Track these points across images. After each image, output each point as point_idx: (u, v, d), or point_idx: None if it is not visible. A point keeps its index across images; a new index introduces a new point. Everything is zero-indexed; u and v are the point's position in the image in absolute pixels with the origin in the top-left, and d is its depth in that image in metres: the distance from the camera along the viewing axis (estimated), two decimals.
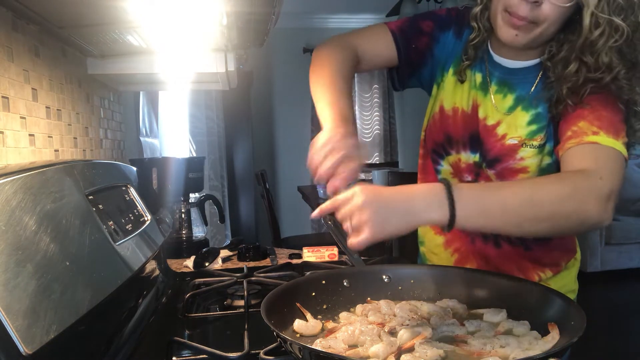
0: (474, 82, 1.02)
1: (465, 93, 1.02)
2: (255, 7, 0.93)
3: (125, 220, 0.91)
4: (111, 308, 0.77)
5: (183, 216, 1.70)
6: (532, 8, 0.83)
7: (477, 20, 0.97)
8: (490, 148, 1.01)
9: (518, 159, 0.97)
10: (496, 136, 0.99)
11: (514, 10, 0.85)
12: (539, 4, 0.83)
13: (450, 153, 1.06)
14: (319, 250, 1.41)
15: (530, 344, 0.67)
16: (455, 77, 1.03)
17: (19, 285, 0.51)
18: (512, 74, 0.98)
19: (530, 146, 0.95)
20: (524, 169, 0.98)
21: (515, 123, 0.98)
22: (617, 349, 2.87)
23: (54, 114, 1.11)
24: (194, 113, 3.72)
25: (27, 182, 0.62)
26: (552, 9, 0.83)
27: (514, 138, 0.97)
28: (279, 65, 4.75)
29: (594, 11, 0.80)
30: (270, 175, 4.72)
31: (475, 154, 1.03)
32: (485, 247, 1.08)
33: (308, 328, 0.75)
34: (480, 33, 0.97)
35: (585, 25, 0.81)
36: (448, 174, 1.08)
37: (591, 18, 0.81)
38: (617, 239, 4.23)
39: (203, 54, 1.37)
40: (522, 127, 0.96)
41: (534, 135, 0.95)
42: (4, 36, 0.88)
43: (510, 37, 0.89)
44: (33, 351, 0.49)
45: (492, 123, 1.00)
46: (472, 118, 1.02)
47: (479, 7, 0.96)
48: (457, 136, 1.03)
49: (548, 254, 1.06)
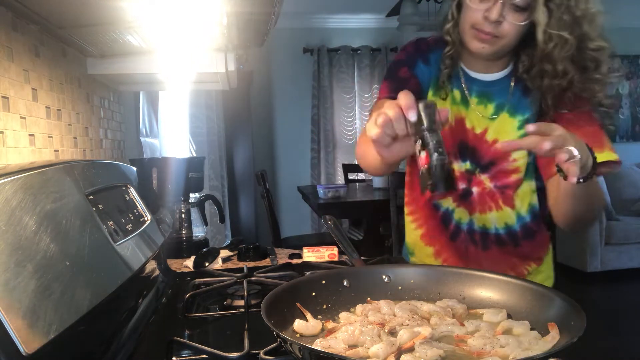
0: (454, 99, 1.13)
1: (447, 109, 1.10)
2: (255, 7, 0.93)
3: (125, 220, 0.91)
4: (111, 308, 0.77)
5: (183, 216, 1.70)
6: (495, 25, 0.99)
7: (450, 34, 1.09)
8: (484, 154, 1.12)
9: (511, 161, 1.10)
10: (487, 142, 1.11)
11: (480, 27, 1.01)
12: (500, 22, 0.99)
13: None
14: (319, 250, 1.41)
15: (530, 344, 0.67)
16: (436, 97, 1.14)
17: (19, 285, 0.51)
18: (489, 85, 1.12)
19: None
20: (516, 169, 1.10)
21: (503, 128, 1.10)
22: (617, 349, 2.87)
23: (54, 114, 1.12)
24: (194, 113, 3.73)
25: (27, 182, 0.62)
26: (511, 26, 0.99)
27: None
28: (279, 65, 4.75)
29: (545, 28, 0.95)
30: (270, 175, 4.72)
31: (465, 162, 1.14)
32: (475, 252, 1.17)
33: (308, 328, 0.75)
34: (453, 44, 1.10)
35: (540, 40, 0.97)
36: None
37: (544, 34, 0.96)
38: (617, 239, 4.23)
39: (203, 54, 1.37)
40: (513, 131, 1.09)
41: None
42: (4, 36, 0.88)
43: (478, 48, 1.04)
44: (33, 351, 0.49)
45: (480, 131, 1.12)
46: (458, 130, 1.13)
47: (450, 24, 1.09)
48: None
49: (533, 248, 1.17)
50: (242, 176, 4.16)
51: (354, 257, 1.14)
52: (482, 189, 1.14)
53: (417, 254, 1.27)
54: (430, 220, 1.23)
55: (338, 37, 4.84)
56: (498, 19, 0.98)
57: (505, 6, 0.97)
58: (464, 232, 1.18)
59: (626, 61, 5.26)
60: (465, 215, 1.18)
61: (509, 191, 1.13)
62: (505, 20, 0.98)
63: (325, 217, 1.21)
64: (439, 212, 1.20)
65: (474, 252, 1.18)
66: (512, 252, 1.16)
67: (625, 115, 5.32)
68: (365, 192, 3.58)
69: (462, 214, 1.18)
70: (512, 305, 0.80)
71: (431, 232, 1.22)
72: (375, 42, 4.85)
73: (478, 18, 1.00)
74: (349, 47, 4.79)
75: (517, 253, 1.16)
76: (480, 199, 1.15)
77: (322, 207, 3.04)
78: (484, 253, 1.17)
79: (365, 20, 4.83)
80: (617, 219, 4.34)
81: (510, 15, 0.98)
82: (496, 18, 0.98)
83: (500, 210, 1.14)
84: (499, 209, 1.14)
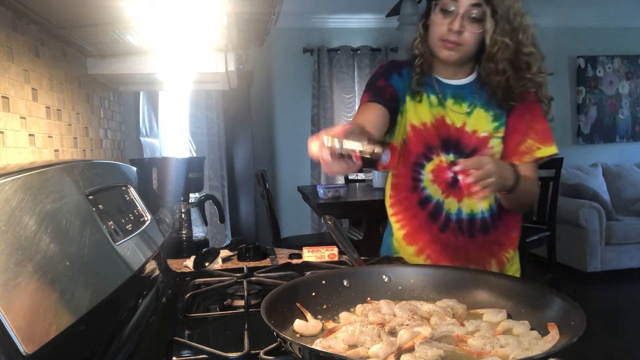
0: (431, 103, 1.32)
1: (425, 111, 1.32)
2: (255, 7, 0.93)
3: (125, 220, 0.91)
4: (111, 308, 0.77)
5: (183, 216, 1.70)
6: (457, 35, 1.22)
7: (418, 48, 1.31)
8: (467, 143, 1.30)
9: (490, 148, 1.29)
10: (468, 133, 1.30)
11: (446, 38, 1.23)
12: (462, 32, 1.21)
13: (432, 158, 1.32)
14: (319, 250, 1.41)
15: (530, 344, 0.67)
16: (413, 102, 1.32)
17: (19, 285, 0.51)
18: (461, 89, 1.32)
19: (496, 137, 1.29)
20: (493, 155, 1.28)
21: (480, 121, 1.30)
22: (617, 349, 2.87)
23: (54, 114, 1.12)
24: (194, 113, 3.73)
25: (27, 182, 0.62)
26: (470, 34, 1.22)
27: (484, 132, 1.29)
28: (279, 65, 4.75)
29: (492, 35, 1.19)
30: (270, 175, 4.71)
31: (449, 154, 1.31)
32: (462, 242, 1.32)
33: (308, 328, 0.75)
34: (422, 56, 1.31)
35: (487, 44, 1.21)
36: (429, 182, 1.33)
37: (491, 40, 1.20)
38: (617, 239, 4.23)
39: (203, 54, 1.37)
40: (488, 123, 1.30)
41: (498, 129, 1.29)
42: (4, 36, 0.88)
43: (446, 56, 1.26)
44: (33, 351, 0.49)
45: (459, 125, 1.30)
46: (439, 127, 1.31)
47: (417, 39, 1.32)
48: (433, 142, 1.31)
49: (507, 231, 1.35)
50: (242, 176, 4.16)
51: (354, 257, 1.14)
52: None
53: (402, 253, 1.39)
54: (413, 220, 1.37)
55: (338, 37, 4.84)
56: (460, 29, 1.20)
57: (464, 18, 1.20)
58: (453, 221, 1.32)
59: (626, 61, 5.26)
60: (454, 205, 1.32)
61: None
62: (466, 30, 1.21)
63: (325, 217, 1.21)
64: (428, 207, 1.33)
65: (462, 242, 1.31)
66: (493, 239, 1.33)
67: (625, 115, 5.32)
68: (365, 192, 3.58)
69: (452, 204, 1.32)
70: (512, 305, 0.80)
71: (414, 231, 1.36)
72: (375, 42, 4.85)
73: (444, 31, 1.22)
74: (349, 47, 4.79)
75: (496, 239, 1.33)
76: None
77: (322, 207, 3.04)
78: (469, 242, 1.31)
79: (365, 20, 4.83)
80: (617, 219, 4.34)
81: (469, 25, 1.20)
82: (458, 28, 1.20)
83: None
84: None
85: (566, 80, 5.20)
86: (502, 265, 1.34)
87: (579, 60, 5.16)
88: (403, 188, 1.38)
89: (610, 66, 5.23)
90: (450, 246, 1.32)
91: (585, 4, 4.72)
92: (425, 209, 1.34)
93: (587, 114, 5.23)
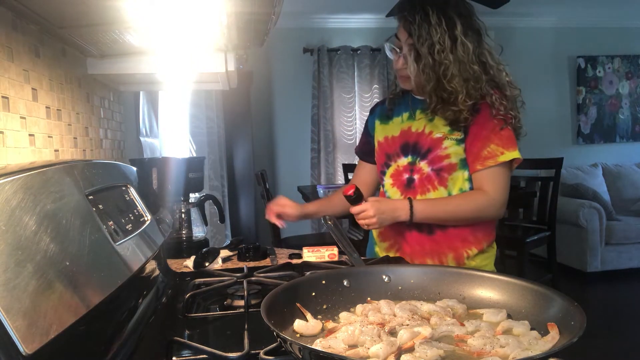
0: (402, 119, 1.51)
1: (393, 127, 1.52)
2: (255, 7, 0.93)
3: (125, 220, 0.91)
4: (111, 308, 0.77)
5: (183, 216, 1.70)
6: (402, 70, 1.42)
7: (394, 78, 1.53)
8: (423, 144, 1.43)
9: (443, 148, 1.40)
10: (425, 134, 1.44)
11: (399, 74, 1.46)
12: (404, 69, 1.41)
13: (390, 165, 1.50)
14: (319, 250, 1.42)
15: (530, 344, 0.67)
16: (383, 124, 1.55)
17: (19, 285, 0.51)
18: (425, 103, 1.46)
19: (450, 139, 1.39)
20: (447, 155, 1.40)
21: (436, 125, 1.43)
22: (617, 349, 2.87)
23: (54, 114, 1.12)
24: (194, 113, 3.72)
25: (27, 182, 0.62)
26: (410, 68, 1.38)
27: (439, 133, 1.41)
28: (279, 65, 4.75)
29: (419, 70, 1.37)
30: (270, 175, 4.71)
31: (407, 156, 1.46)
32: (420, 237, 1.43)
33: (308, 328, 0.75)
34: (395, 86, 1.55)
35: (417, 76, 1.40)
36: (389, 186, 1.50)
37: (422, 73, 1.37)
38: (617, 239, 4.23)
39: (203, 54, 1.37)
40: (443, 127, 1.42)
41: (452, 132, 1.40)
42: (4, 36, 0.88)
43: (403, 84, 1.47)
44: (33, 351, 0.49)
45: (421, 130, 1.45)
46: (403, 135, 1.48)
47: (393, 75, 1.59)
48: (391, 151, 1.51)
49: (473, 232, 1.43)
50: (242, 176, 4.16)
51: (354, 257, 1.14)
52: (421, 174, 1.44)
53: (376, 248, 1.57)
54: None
55: (338, 37, 4.84)
56: (402, 67, 1.41)
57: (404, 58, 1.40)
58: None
59: (626, 61, 5.26)
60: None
61: (444, 173, 1.41)
62: (407, 65, 1.39)
63: (325, 217, 1.21)
64: None
65: (424, 239, 1.43)
66: (453, 235, 1.42)
67: (625, 115, 5.31)
68: None
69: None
70: (512, 305, 0.80)
71: (386, 230, 1.50)
72: (375, 42, 4.85)
73: (396, 66, 1.44)
74: (349, 47, 4.79)
75: (458, 235, 1.42)
76: (421, 183, 1.44)
77: None
78: (430, 237, 1.43)
79: (365, 20, 4.83)
80: (617, 219, 4.34)
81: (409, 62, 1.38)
82: (398, 67, 1.43)
83: (436, 190, 1.42)
84: (435, 189, 1.42)
85: (566, 80, 5.20)
86: (460, 260, 1.43)
87: (579, 60, 5.16)
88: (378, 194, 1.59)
89: (610, 66, 5.23)
90: (414, 240, 1.44)
91: (585, 4, 4.71)
92: None
93: (587, 114, 5.23)
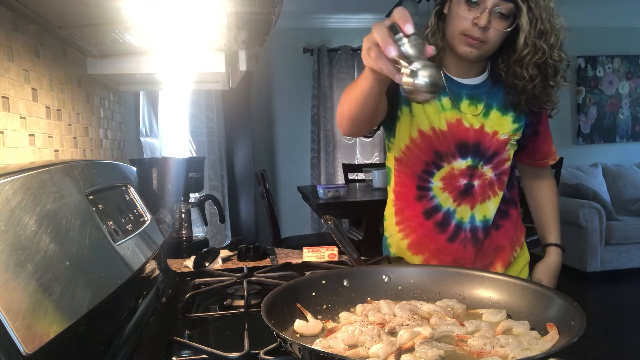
0: (442, 107, 1.22)
1: (434, 116, 1.22)
2: (255, 7, 0.93)
3: (125, 220, 0.91)
4: (111, 308, 0.77)
5: (183, 216, 1.70)
6: (482, 31, 1.11)
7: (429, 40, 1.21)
8: (489, 146, 1.23)
9: (507, 150, 1.25)
10: (488, 135, 1.22)
11: (469, 33, 1.12)
12: (488, 29, 1.11)
13: (442, 166, 1.24)
14: (319, 250, 1.41)
15: (530, 344, 0.67)
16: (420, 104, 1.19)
17: (19, 285, 0.51)
18: (476, 88, 1.24)
19: (513, 140, 1.25)
20: (508, 158, 1.26)
21: (499, 123, 1.23)
22: (617, 349, 2.87)
23: (54, 114, 1.12)
24: (194, 113, 3.72)
25: (27, 182, 0.62)
26: (495, 32, 1.12)
27: (505, 134, 1.23)
28: (279, 65, 4.75)
29: (526, 35, 1.10)
30: (270, 175, 4.71)
31: (465, 159, 1.23)
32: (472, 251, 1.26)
33: (308, 328, 0.75)
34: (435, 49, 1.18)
35: (520, 45, 1.11)
36: (439, 190, 1.25)
37: (524, 41, 1.11)
38: (617, 239, 4.23)
39: (203, 54, 1.37)
40: (509, 125, 1.23)
41: (516, 131, 1.25)
42: (4, 36, 0.88)
43: (467, 52, 1.16)
44: (33, 351, 0.49)
45: (478, 127, 1.23)
46: (456, 131, 1.22)
47: (429, 30, 1.22)
48: (445, 149, 1.23)
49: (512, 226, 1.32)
50: (242, 176, 4.16)
51: (354, 257, 1.14)
52: (483, 180, 1.25)
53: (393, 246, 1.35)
54: (419, 229, 1.29)
55: (338, 37, 4.84)
56: (486, 26, 1.10)
57: (491, 14, 1.10)
58: (465, 230, 1.26)
59: (626, 61, 5.26)
60: (467, 213, 1.26)
61: (504, 177, 1.27)
62: (492, 27, 1.11)
63: (325, 217, 1.21)
64: (436, 217, 1.27)
65: (470, 252, 1.26)
66: (505, 235, 1.29)
67: (625, 115, 5.31)
68: (365, 192, 3.58)
69: (464, 212, 1.26)
70: (512, 305, 0.80)
71: (420, 241, 1.29)
72: None
73: (467, 25, 1.12)
74: (349, 47, 4.79)
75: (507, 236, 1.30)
76: (482, 190, 1.25)
77: (322, 207, 3.03)
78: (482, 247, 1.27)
79: (365, 20, 4.83)
80: (617, 219, 4.34)
81: (495, 22, 1.11)
82: (484, 24, 1.10)
83: (496, 196, 1.27)
84: (495, 195, 1.27)
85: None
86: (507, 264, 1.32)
87: (579, 60, 5.16)
88: (407, 197, 1.30)
89: (610, 66, 5.23)
90: (458, 257, 1.25)
91: (585, 4, 4.71)
92: (432, 219, 1.27)
93: (587, 114, 5.23)
